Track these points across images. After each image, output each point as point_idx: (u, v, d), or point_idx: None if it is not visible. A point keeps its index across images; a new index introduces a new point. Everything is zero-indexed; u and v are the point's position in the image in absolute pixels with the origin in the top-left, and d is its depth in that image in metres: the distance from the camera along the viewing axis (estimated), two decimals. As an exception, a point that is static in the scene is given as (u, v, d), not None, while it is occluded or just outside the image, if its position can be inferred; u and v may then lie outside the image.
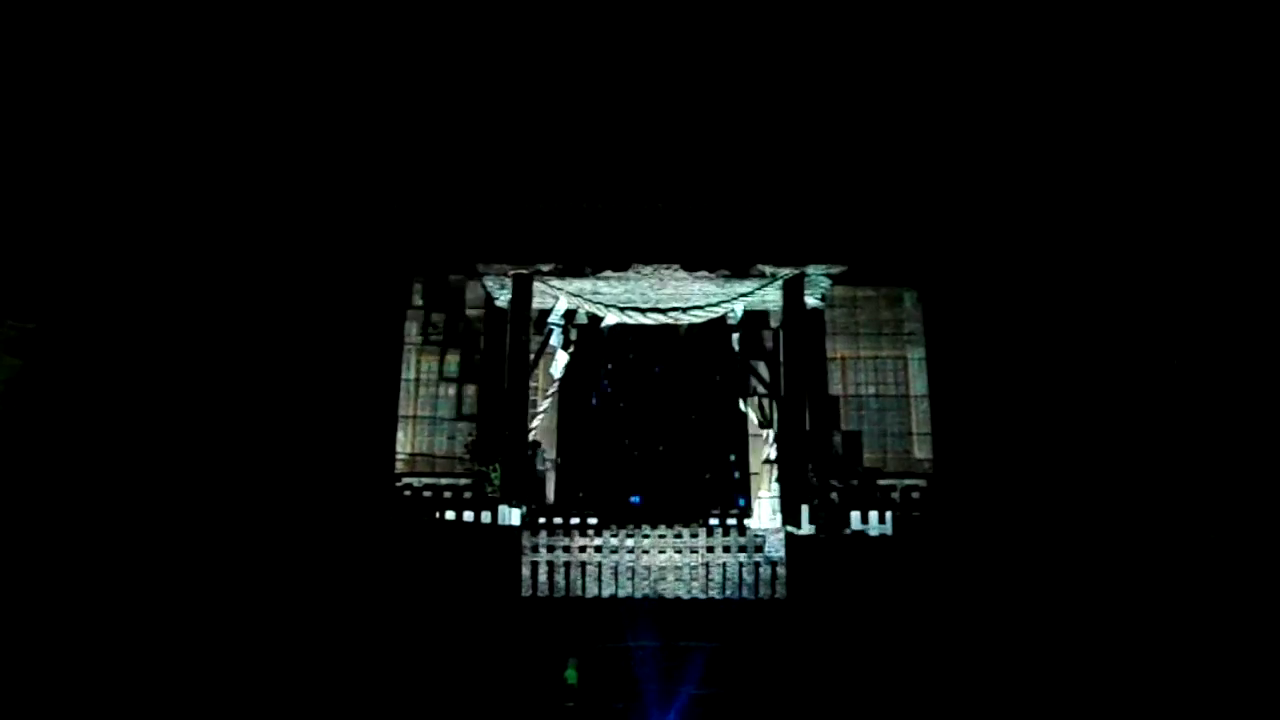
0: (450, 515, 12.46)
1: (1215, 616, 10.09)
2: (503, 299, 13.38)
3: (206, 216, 11.71)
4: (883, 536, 12.32)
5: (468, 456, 12.84)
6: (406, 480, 13.00)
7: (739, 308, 13.68)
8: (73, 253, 11.31)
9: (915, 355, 13.62)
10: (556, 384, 13.82)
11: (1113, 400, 11.65)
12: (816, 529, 12.19)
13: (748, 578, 11.94)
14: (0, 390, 10.85)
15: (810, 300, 13.35)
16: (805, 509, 12.37)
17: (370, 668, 10.61)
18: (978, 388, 12.51)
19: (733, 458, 14.38)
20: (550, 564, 11.89)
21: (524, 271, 12.95)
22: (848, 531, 12.32)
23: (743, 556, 12.01)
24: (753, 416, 14.09)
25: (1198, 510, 10.58)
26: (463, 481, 12.80)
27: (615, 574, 12.03)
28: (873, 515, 12.50)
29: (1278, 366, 10.70)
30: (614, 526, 12.26)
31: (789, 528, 12.31)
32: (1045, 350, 12.11)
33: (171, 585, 10.46)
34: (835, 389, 13.60)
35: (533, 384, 13.53)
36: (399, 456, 12.99)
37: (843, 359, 13.86)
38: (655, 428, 14.18)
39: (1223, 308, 11.08)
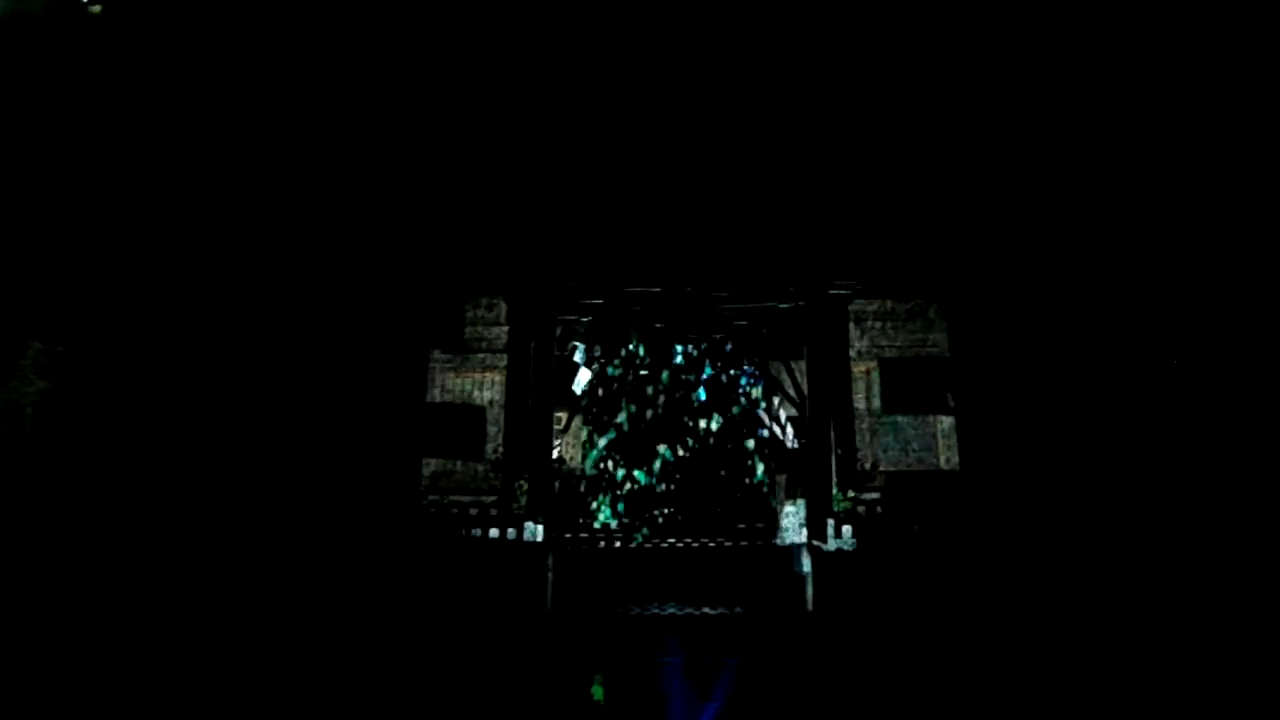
0: (476, 532, 12.47)
1: (1241, 624, 9.97)
2: (526, 317, 13.40)
3: (235, 240, 11.78)
4: (908, 549, 12.26)
5: (493, 474, 12.88)
6: (432, 498, 13.02)
7: (762, 323, 13.70)
8: (100, 276, 11.39)
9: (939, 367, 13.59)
10: (581, 400, 13.86)
11: (1140, 406, 11.56)
12: (842, 543, 12.17)
13: (774, 592, 11.93)
14: (29, 413, 10.92)
15: (834, 314, 13.34)
16: (830, 523, 12.35)
17: (396, 683, 10.62)
18: (1003, 399, 12.43)
19: (760, 473, 14.33)
20: (575, 580, 11.91)
21: (547, 289, 13.02)
22: (873, 544, 12.28)
23: (768, 571, 12.00)
24: (776, 430, 14.09)
25: (1228, 520, 10.47)
26: (488, 498, 12.83)
27: (640, 589, 12.03)
28: (897, 528, 12.44)
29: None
30: (638, 540, 12.26)
31: (815, 542, 12.29)
32: (1072, 362, 12.02)
33: (201, 600, 10.51)
34: (859, 402, 13.57)
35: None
36: (425, 474, 13.02)
37: (866, 372, 13.82)
38: (679, 442, 14.14)
39: (1254, 315, 10.99)
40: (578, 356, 13.65)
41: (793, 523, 13.11)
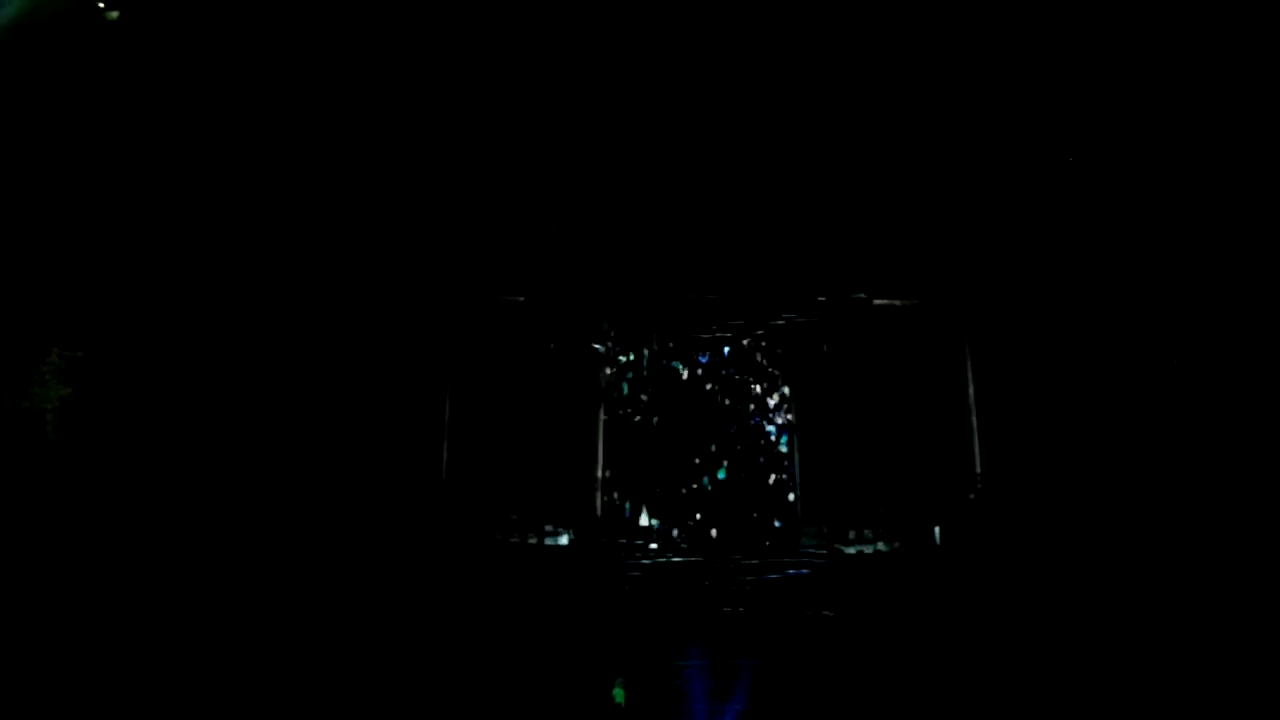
0: (498, 536, 12.50)
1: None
2: (547, 317, 13.38)
3: (257, 245, 11.75)
4: (933, 553, 12.29)
5: (516, 477, 12.86)
6: (454, 501, 12.99)
7: (778, 327, 13.69)
8: (119, 282, 11.38)
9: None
10: (601, 402, 13.85)
11: (1162, 408, 11.51)
12: (862, 546, 12.24)
13: (796, 595, 11.96)
14: (51, 418, 10.94)
15: (854, 315, 13.32)
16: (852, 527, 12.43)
17: (417, 682, 10.70)
18: (1025, 403, 12.39)
19: (782, 475, 14.32)
20: (598, 582, 11.95)
21: (569, 290, 13.04)
22: (896, 548, 12.33)
23: (791, 574, 12.05)
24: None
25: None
26: (510, 502, 12.81)
27: (663, 590, 12.07)
28: (916, 529, 12.45)
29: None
30: (661, 541, 12.32)
31: (837, 545, 12.34)
32: (1093, 365, 11.97)
33: (221, 599, 10.58)
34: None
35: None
36: (446, 477, 13.00)
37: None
38: (701, 445, 14.10)
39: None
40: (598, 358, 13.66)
41: (813, 525, 13.14)
